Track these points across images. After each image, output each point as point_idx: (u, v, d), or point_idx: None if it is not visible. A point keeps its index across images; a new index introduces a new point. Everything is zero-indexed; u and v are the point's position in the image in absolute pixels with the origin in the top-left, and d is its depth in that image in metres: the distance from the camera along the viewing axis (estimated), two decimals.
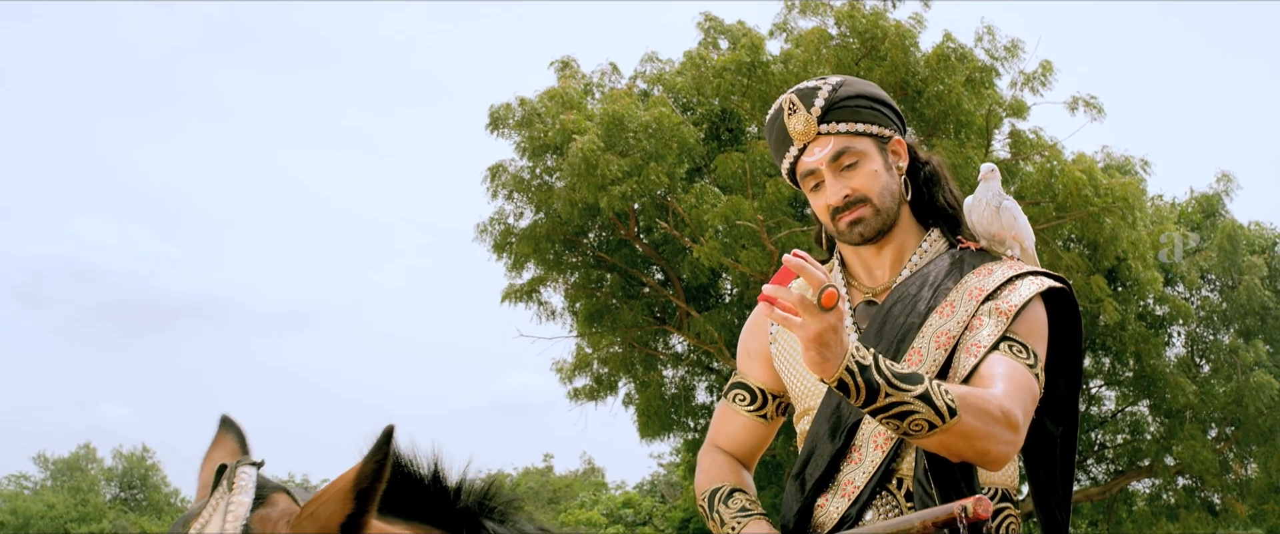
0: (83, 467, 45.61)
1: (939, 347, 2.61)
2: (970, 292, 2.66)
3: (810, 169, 2.76)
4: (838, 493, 2.66)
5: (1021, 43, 17.70)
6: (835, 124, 2.73)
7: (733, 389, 2.98)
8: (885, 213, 2.76)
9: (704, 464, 2.96)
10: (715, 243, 17.22)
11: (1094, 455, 22.42)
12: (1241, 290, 19.51)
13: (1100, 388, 22.20)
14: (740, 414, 2.96)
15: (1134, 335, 19.10)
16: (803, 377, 2.81)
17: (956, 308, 2.65)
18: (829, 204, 2.75)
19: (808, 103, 2.74)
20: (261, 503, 1.77)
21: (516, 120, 18.41)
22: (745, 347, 2.99)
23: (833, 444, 2.67)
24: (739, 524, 2.75)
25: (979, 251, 2.80)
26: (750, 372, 2.96)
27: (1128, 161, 19.14)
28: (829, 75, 2.82)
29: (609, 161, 16.83)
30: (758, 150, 17.70)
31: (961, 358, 2.58)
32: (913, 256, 2.80)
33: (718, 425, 3.00)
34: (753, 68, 17.50)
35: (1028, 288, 2.65)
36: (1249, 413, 19.03)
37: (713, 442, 3.00)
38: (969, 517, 2.26)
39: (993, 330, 2.58)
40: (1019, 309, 2.61)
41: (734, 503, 2.81)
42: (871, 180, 2.74)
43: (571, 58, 19.50)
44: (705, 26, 18.82)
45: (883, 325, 2.69)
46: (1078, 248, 17.99)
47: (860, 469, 2.64)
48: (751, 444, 2.97)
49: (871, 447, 2.63)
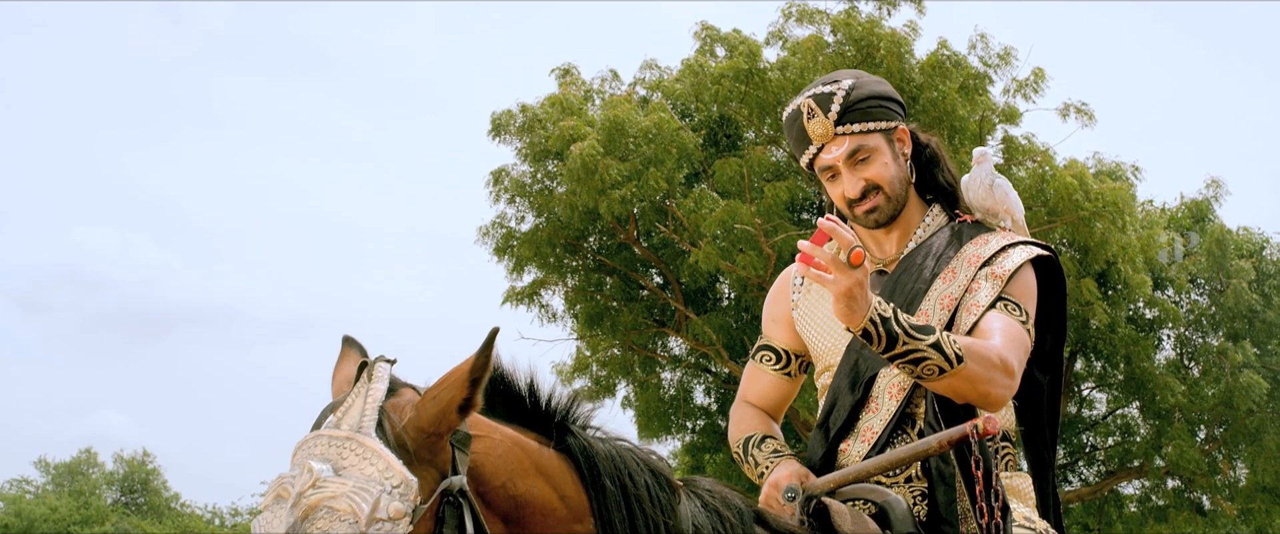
0: (84, 471, 45.85)
1: (943, 307, 3.01)
2: (969, 259, 3.06)
3: (828, 165, 3.15)
4: (858, 438, 3.04)
5: (1014, 50, 18.03)
6: (850, 125, 3.12)
7: (759, 350, 3.37)
8: (896, 199, 3.16)
9: (736, 417, 3.36)
10: (713, 247, 17.49)
11: (1085, 457, 22.73)
12: (1229, 294, 19.82)
13: (1091, 390, 22.51)
14: (767, 373, 3.36)
15: (1124, 339, 19.39)
16: (823, 336, 3.21)
17: (958, 274, 3.04)
18: (846, 195, 3.14)
19: (825, 108, 3.11)
20: (392, 393, 2.12)
21: (518, 126, 18.72)
22: (770, 312, 3.39)
23: (853, 395, 3.06)
24: (772, 464, 3.12)
25: (975, 223, 3.21)
26: (775, 335, 3.36)
27: (1118, 167, 19.38)
28: (840, 74, 3.19)
29: (609, 166, 17.12)
30: (755, 156, 18.01)
31: (963, 317, 2.97)
32: (917, 231, 3.20)
33: (747, 383, 3.40)
34: (750, 75, 17.79)
35: (1019, 255, 3.06)
36: (1238, 413, 19.34)
37: (743, 398, 3.39)
38: (979, 433, 2.66)
39: (990, 292, 2.97)
40: (1012, 273, 3.01)
41: (766, 446, 3.19)
42: (883, 171, 3.14)
43: (572, 65, 19.82)
44: (702, 35, 19.11)
45: (893, 291, 3.09)
46: (1068, 252, 18.28)
47: (877, 417, 3.03)
48: (777, 399, 3.37)
49: (887, 397, 3.03)
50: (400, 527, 1.97)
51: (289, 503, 2.01)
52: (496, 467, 2.17)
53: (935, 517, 2.91)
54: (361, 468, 2.01)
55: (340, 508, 1.97)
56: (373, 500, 1.97)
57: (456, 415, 2.09)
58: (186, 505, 45.78)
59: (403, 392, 2.16)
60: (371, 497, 1.97)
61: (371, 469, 2.01)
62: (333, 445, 2.05)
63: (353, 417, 2.08)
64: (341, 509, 1.97)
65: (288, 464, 2.12)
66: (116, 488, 45.86)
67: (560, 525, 2.22)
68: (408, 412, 2.10)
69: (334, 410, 2.12)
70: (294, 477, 2.05)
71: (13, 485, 44.13)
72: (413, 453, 2.05)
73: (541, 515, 2.20)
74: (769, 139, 18.48)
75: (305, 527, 1.97)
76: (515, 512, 2.18)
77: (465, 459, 2.11)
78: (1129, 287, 18.44)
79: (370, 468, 2.02)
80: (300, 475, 2.03)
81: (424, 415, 2.09)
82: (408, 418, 2.09)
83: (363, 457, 2.03)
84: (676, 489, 2.44)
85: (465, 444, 2.13)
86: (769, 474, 3.09)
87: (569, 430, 2.33)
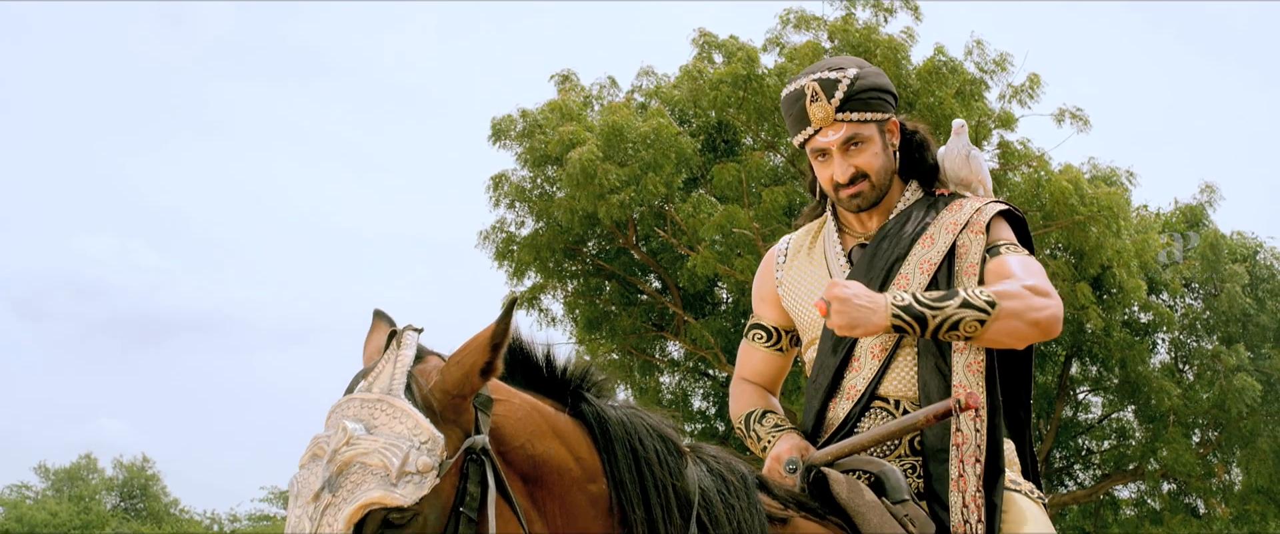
0: (83, 476, 45.96)
1: (923, 272, 3.20)
2: (946, 226, 3.26)
3: (822, 148, 3.33)
4: (844, 397, 3.23)
5: (1010, 56, 18.20)
6: (849, 113, 3.29)
7: (751, 329, 3.55)
8: (880, 188, 3.36)
9: (735, 394, 3.55)
10: (711, 251, 17.63)
11: (1081, 461, 22.87)
12: (1223, 298, 19.98)
13: (1087, 394, 22.66)
14: (759, 349, 3.54)
15: (1119, 342, 19.53)
16: (807, 310, 3.38)
17: (936, 239, 3.24)
18: (835, 179, 3.33)
19: (829, 93, 3.28)
20: (419, 360, 2.29)
21: (518, 131, 18.87)
22: (758, 292, 3.57)
23: (835, 357, 3.25)
24: (774, 437, 3.30)
25: (950, 195, 3.41)
26: (764, 313, 3.55)
27: (1114, 173, 19.55)
28: (845, 61, 3.37)
29: (608, 171, 17.24)
30: (753, 161, 18.16)
31: (963, 278, 3.16)
32: (897, 205, 3.39)
33: (742, 361, 3.58)
34: (748, 81, 17.92)
35: (991, 209, 3.28)
36: (1231, 416, 19.49)
37: (740, 375, 3.58)
38: (961, 407, 2.86)
39: (979, 247, 3.19)
40: (988, 223, 3.23)
41: (768, 421, 3.38)
42: (873, 160, 3.33)
43: (571, 71, 20.00)
44: (700, 42, 19.30)
45: (873, 258, 3.28)
46: (1064, 256, 18.44)
47: (861, 375, 3.22)
48: (772, 374, 3.56)
49: (869, 357, 3.22)
50: (428, 479, 2.13)
51: (324, 460, 2.15)
52: (516, 429, 2.33)
53: (929, 488, 3.07)
54: (392, 426, 2.17)
55: (372, 463, 2.12)
56: (402, 455, 2.13)
57: (479, 378, 2.25)
58: (186, 511, 45.92)
59: (429, 358, 2.32)
60: (401, 452, 2.13)
61: (401, 427, 2.17)
62: (365, 407, 2.21)
63: (383, 380, 2.24)
64: (374, 464, 2.12)
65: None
66: (116, 493, 45.94)
67: (575, 485, 2.38)
68: (434, 375, 2.26)
69: (365, 376, 2.28)
70: (329, 436, 2.20)
71: (13, 491, 44.27)
72: (439, 413, 2.21)
73: (558, 475, 2.36)
74: (767, 144, 18.63)
75: (340, 481, 2.12)
76: (534, 471, 2.33)
77: (487, 420, 2.27)
78: (1124, 291, 18.58)
79: (400, 426, 2.17)
80: (335, 434, 2.17)
81: (449, 378, 2.24)
82: (434, 381, 2.24)
83: (393, 416, 2.18)
84: (684, 454, 2.59)
85: (487, 406, 2.29)
86: (771, 448, 3.26)
87: (583, 398, 2.50)
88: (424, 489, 2.13)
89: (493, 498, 2.21)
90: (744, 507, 2.62)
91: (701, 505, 2.55)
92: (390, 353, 2.29)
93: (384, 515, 2.11)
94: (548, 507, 2.34)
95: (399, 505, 2.11)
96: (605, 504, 2.41)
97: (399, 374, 2.24)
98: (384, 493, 2.11)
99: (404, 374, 2.24)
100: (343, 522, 2.09)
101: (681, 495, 2.52)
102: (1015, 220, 3.34)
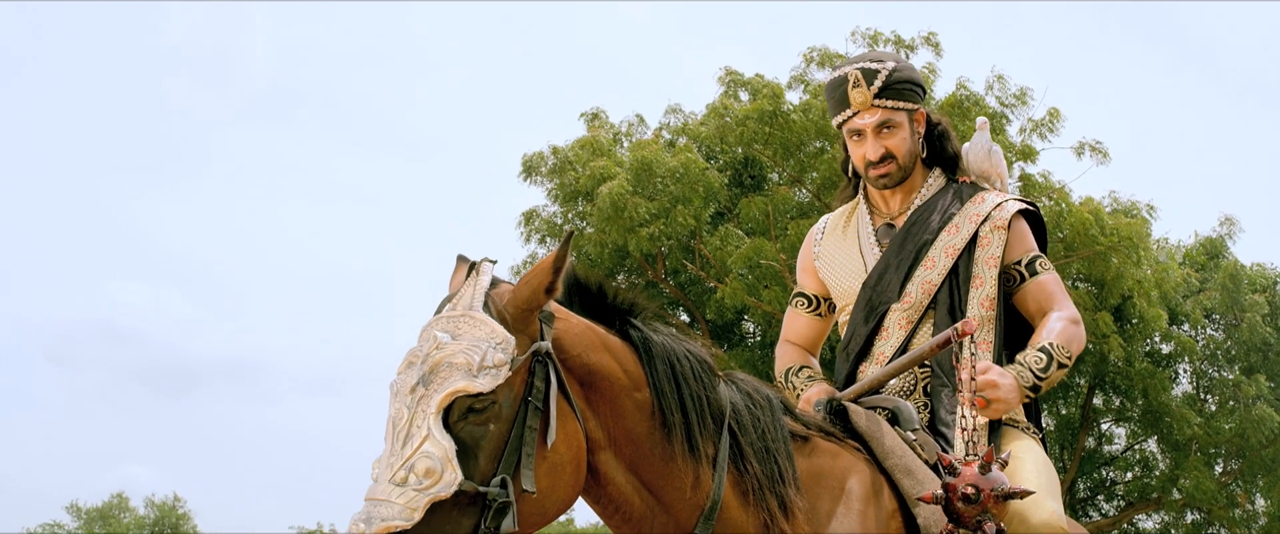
0: (115, 515, 46.37)
1: (947, 255, 3.69)
2: (970, 216, 3.74)
3: (858, 129, 3.81)
4: (873, 361, 3.72)
5: (1030, 91, 18.59)
6: (885, 101, 3.78)
7: (795, 298, 4.08)
8: (905, 169, 3.84)
9: (779, 354, 4.09)
10: (739, 283, 17.97)
11: (1105, 491, 23.08)
12: (1244, 328, 20.25)
13: (1110, 426, 22.89)
14: (802, 315, 4.08)
15: (1141, 372, 19.81)
16: (841, 279, 3.90)
17: (960, 228, 3.72)
18: (867, 158, 3.81)
19: (869, 81, 3.77)
20: (494, 285, 2.76)
21: (549, 168, 19.31)
22: (800, 264, 4.10)
23: (867, 325, 3.73)
24: (807, 385, 3.81)
25: (971, 184, 3.89)
26: (806, 283, 4.07)
27: (1134, 206, 19.83)
28: (884, 55, 3.87)
29: (637, 205, 17.64)
30: (780, 195, 18.54)
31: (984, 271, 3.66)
32: (920, 190, 3.87)
33: (787, 326, 4.11)
34: (774, 117, 18.31)
35: (1011, 206, 3.76)
36: (1252, 445, 19.72)
37: (784, 338, 4.11)
38: (959, 334, 3.27)
39: (998, 244, 3.68)
40: (1009, 222, 3.71)
41: (803, 374, 3.91)
42: (901, 144, 3.81)
43: (600, 109, 20.41)
44: (726, 80, 19.68)
45: (903, 241, 3.76)
46: (1085, 287, 18.73)
47: (888, 343, 3.70)
48: (812, 336, 4.09)
49: (897, 328, 3.70)
50: (501, 373, 2.60)
51: (418, 363, 2.63)
52: (574, 342, 2.79)
53: (934, 420, 3.53)
54: (473, 333, 2.65)
55: (458, 361, 2.60)
56: (482, 354, 2.61)
57: (543, 295, 2.71)
58: None
59: (502, 284, 2.78)
60: (481, 351, 2.61)
61: (480, 333, 2.64)
62: (450, 321, 2.69)
63: (466, 300, 2.72)
64: (458, 362, 2.60)
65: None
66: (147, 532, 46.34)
67: (623, 392, 2.84)
68: (506, 294, 2.73)
69: (449, 301, 2.77)
70: (421, 346, 2.67)
71: (46, 530, 44.71)
72: (510, 323, 2.67)
73: (608, 382, 2.82)
74: (792, 179, 19.01)
75: (431, 377, 2.59)
76: (588, 377, 2.79)
77: (550, 331, 2.74)
78: (1144, 320, 18.86)
79: (479, 332, 2.65)
80: (426, 343, 2.65)
81: (519, 295, 2.71)
82: (507, 298, 2.72)
83: (474, 325, 2.66)
84: (717, 374, 3.04)
85: (550, 321, 2.75)
86: (804, 394, 3.75)
87: (631, 323, 2.95)
88: (499, 380, 2.60)
89: (554, 392, 2.67)
90: (769, 421, 3.05)
91: (732, 415, 2.99)
92: (471, 280, 2.75)
93: (469, 403, 2.58)
94: (600, 408, 2.80)
95: (479, 392, 2.58)
96: (649, 409, 2.86)
97: (478, 294, 2.71)
98: (467, 382, 2.58)
99: (482, 294, 2.70)
100: (435, 406, 2.57)
101: (714, 405, 2.96)
102: (1032, 219, 3.82)
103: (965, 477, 3.02)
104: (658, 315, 3.03)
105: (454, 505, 2.54)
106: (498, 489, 2.56)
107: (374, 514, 2.51)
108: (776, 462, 3.00)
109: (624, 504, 2.86)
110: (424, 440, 2.55)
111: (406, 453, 2.55)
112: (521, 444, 2.61)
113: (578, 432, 2.73)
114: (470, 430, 2.59)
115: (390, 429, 2.61)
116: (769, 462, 2.99)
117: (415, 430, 2.56)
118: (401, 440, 2.57)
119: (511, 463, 2.60)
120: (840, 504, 3.09)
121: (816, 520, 3.03)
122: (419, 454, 2.54)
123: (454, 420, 2.58)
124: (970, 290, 3.63)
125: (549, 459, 2.65)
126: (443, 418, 2.57)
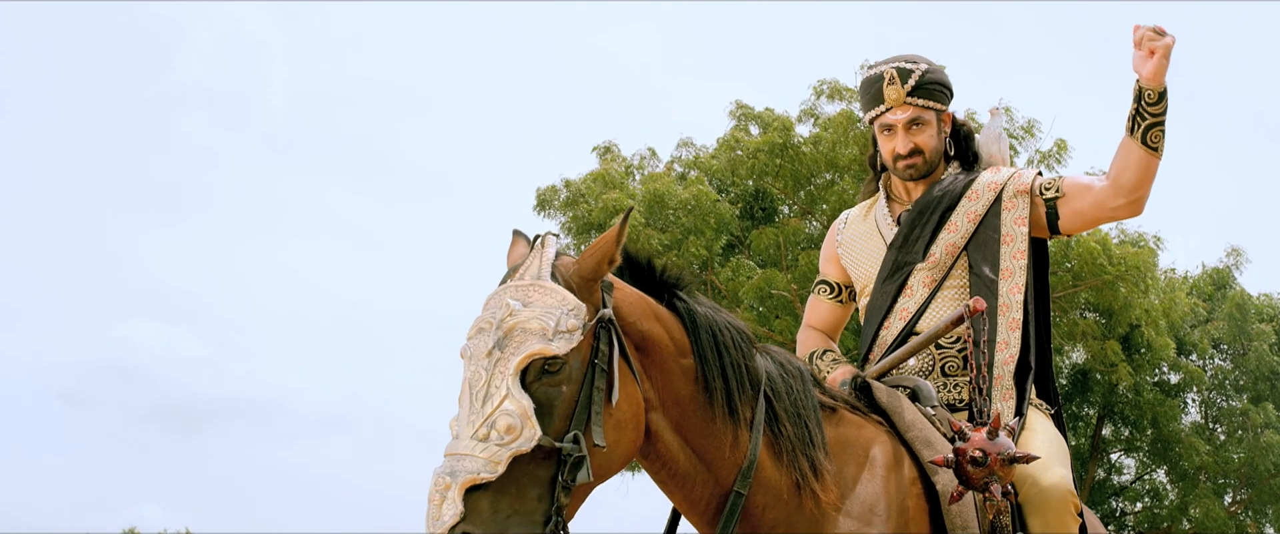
0: None
1: (969, 220, 3.96)
2: (988, 185, 4.00)
3: (890, 124, 4.07)
4: (896, 316, 3.98)
5: (1037, 122, 18.78)
6: (917, 99, 4.04)
7: (817, 285, 4.34)
8: (931, 164, 4.10)
9: (802, 339, 4.32)
10: (751, 313, 18.16)
11: (1115, 522, 23.14)
12: (1251, 357, 20.41)
13: (1120, 456, 22.99)
14: (824, 302, 4.33)
15: (1150, 401, 19.95)
16: (861, 265, 4.14)
17: (980, 195, 3.99)
18: (897, 151, 4.07)
19: (903, 79, 4.03)
20: (557, 257, 2.99)
21: (562, 200, 19.52)
22: (824, 254, 4.36)
23: (892, 283, 3.99)
24: (832, 368, 4.04)
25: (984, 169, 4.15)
26: (828, 271, 4.33)
27: (1141, 237, 19.99)
28: (917, 57, 4.11)
29: (650, 236, 17.86)
30: (790, 227, 18.74)
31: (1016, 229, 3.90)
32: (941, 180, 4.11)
33: (809, 312, 4.36)
34: (784, 149, 18.54)
35: (1030, 172, 4.04)
36: (1260, 474, 19.84)
37: (806, 324, 4.35)
38: (970, 311, 3.55)
39: (1024, 206, 3.94)
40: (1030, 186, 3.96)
41: (827, 357, 4.14)
42: (929, 140, 4.07)
43: (612, 143, 20.60)
44: (737, 113, 19.87)
45: (923, 208, 4.01)
46: (1093, 316, 18.89)
47: (912, 300, 3.97)
48: (833, 321, 4.34)
49: (921, 287, 3.96)
50: (574, 337, 2.84)
51: (492, 329, 2.85)
52: (629, 310, 3.05)
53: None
54: (544, 300, 2.88)
55: (532, 327, 2.84)
56: (556, 319, 2.85)
57: (606, 266, 2.97)
58: None
59: (563, 256, 3.02)
60: (555, 317, 2.85)
61: (552, 300, 2.88)
62: (520, 290, 2.92)
63: (533, 270, 2.95)
64: (533, 328, 2.83)
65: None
66: None
67: (671, 357, 3.10)
68: (572, 264, 2.98)
69: (513, 273, 3.00)
70: (493, 312, 2.88)
71: None
72: (577, 291, 2.92)
73: (658, 348, 3.08)
74: (803, 211, 19.22)
75: (506, 341, 2.82)
76: (642, 342, 3.05)
77: (610, 299, 2.99)
78: (1152, 349, 19.00)
79: (551, 299, 2.88)
80: (499, 310, 2.87)
81: (584, 265, 2.96)
82: (573, 268, 2.96)
83: (545, 293, 2.89)
84: (754, 345, 3.30)
85: (610, 290, 3.01)
86: (830, 375, 3.96)
87: (677, 295, 3.21)
88: (573, 343, 2.84)
89: (617, 356, 2.92)
90: (801, 389, 3.32)
91: (767, 383, 3.25)
92: (535, 252, 2.99)
93: (543, 364, 2.82)
94: (651, 372, 3.05)
95: (555, 355, 2.82)
96: (693, 374, 3.12)
97: (546, 265, 2.94)
98: (543, 345, 2.81)
99: (549, 264, 2.94)
100: (513, 368, 2.80)
101: (752, 373, 3.23)
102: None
103: (974, 441, 3.25)
104: (700, 290, 3.25)
105: (532, 460, 2.77)
106: (572, 445, 2.80)
107: (458, 468, 2.71)
108: (807, 427, 3.27)
109: (671, 461, 3.11)
110: (504, 399, 2.77)
111: (487, 411, 2.77)
112: (591, 403, 2.86)
113: (637, 392, 2.98)
114: (545, 390, 2.82)
115: (466, 390, 2.83)
116: (801, 426, 3.26)
117: (494, 390, 2.79)
118: (480, 400, 2.79)
119: (583, 420, 2.84)
120: (865, 470, 3.34)
121: (843, 484, 3.29)
122: (500, 412, 2.76)
123: (530, 381, 2.81)
124: (1002, 246, 3.87)
125: (614, 417, 2.91)
126: (520, 378, 2.80)
